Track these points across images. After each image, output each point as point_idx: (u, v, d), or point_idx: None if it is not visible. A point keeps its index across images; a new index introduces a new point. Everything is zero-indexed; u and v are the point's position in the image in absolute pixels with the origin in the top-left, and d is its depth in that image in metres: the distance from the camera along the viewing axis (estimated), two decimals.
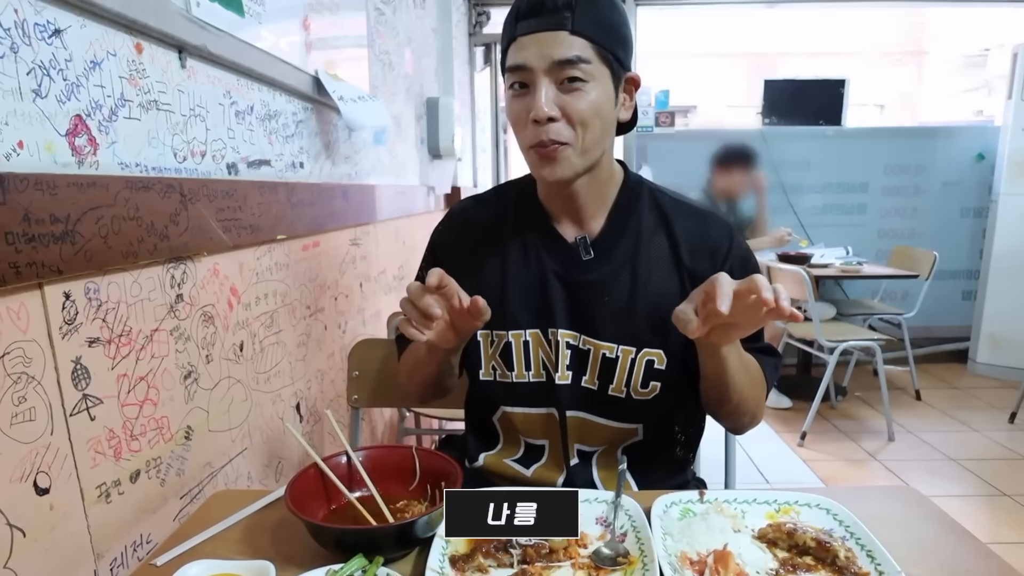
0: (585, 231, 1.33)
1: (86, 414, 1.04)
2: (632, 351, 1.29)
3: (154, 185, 1.17)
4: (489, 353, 1.36)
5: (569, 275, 1.32)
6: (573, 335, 1.31)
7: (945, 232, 5.76)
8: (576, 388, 1.32)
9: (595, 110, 1.19)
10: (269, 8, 1.65)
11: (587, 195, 1.30)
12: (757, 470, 3.83)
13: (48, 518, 0.96)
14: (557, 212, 1.35)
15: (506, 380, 1.36)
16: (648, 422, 1.34)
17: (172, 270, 1.27)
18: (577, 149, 1.20)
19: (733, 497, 1.13)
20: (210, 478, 1.43)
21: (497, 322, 1.30)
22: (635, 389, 1.30)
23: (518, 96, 1.22)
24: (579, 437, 1.35)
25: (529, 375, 1.34)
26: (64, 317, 0.99)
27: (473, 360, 1.38)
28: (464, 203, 1.50)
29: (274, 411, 1.76)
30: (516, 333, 1.33)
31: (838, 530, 1.03)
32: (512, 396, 1.36)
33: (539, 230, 1.36)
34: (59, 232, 0.95)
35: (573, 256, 1.32)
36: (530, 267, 1.34)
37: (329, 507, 1.12)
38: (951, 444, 4.16)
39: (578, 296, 1.31)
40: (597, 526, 1.07)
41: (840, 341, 4.15)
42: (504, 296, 1.34)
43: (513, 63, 1.20)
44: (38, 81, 0.94)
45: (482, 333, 1.35)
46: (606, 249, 1.32)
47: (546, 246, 1.34)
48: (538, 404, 1.35)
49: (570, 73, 1.16)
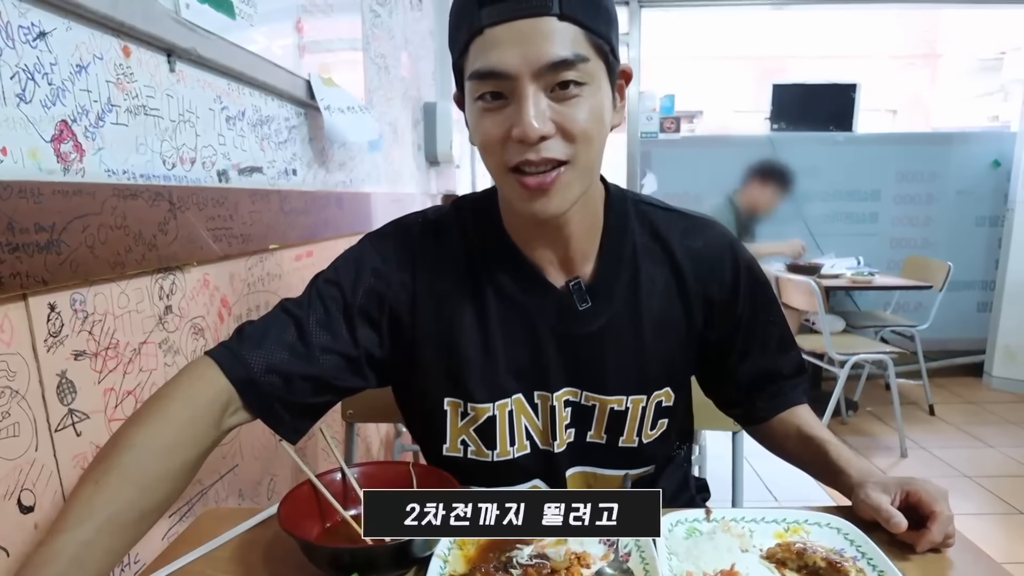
0: (576, 272, 1.18)
1: (72, 429, 1.04)
2: (643, 399, 1.20)
3: (142, 193, 1.18)
4: (459, 427, 1.19)
5: (567, 329, 1.16)
6: (573, 392, 1.19)
7: (959, 242, 5.76)
8: (580, 445, 1.22)
9: (597, 119, 1.00)
10: (261, 10, 1.66)
11: (579, 230, 1.14)
12: (765, 487, 3.83)
13: (33, 537, 0.96)
14: (538, 257, 1.17)
15: (482, 459, 1.19)
16: (660, 460, 1.30)
17: (160, 280, 1.27)
18: (577, 170, 1.01)
19: (741, 515, 1.12)
20: (200, 496, 1.42)
21: (475, 393, 1.16)
22: (646, 434, 1.23)
23: (490, 111, 0.99)
24: (587, 485, 1.25)
25: (513, 450, 1.19)
26: (49, 329, 0.99)
27: (433, 431, 1.21)
28: (411, 222, 1.24)
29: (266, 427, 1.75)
30: (502, 404, 1.16)
31: (849, 550, 1.03)
32: (488, 474, 1.20)
33: (519, 277, 1.17)
34: (44, 241, 0.95)
35: (566, 305, 1.16)
36: (512, 323, 1.16)
37: (323, 525, 1.12)
38: (966, 461, 4.15)
39: (577, 350, 1.17)
40: (600, 546, 1.07)
41: (851, 354, 4.15)
42: (487, 356, 1.16)
43: (483, 67, 0.96)
44: (22, 85, 0.94)
45: (450, 401, 1.17)
46: (604, 293, 1.17)
47: (529, 293, 1.17)
48: (521, 479, 1.22)
49: (565, 77, 0.95)
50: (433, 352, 1.16)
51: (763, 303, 1.29)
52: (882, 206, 5.83)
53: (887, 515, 1.02)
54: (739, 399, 1.35)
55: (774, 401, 1.32)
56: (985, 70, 10.73)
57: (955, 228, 5.81)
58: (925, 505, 1.04)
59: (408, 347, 1.18)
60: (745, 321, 1.27)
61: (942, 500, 1.04)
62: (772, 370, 1.31)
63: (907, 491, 1.06)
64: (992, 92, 10.43)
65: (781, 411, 1.31)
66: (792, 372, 1.33)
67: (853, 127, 5.79)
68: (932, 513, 1.02)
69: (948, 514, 1.02)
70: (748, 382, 1.31)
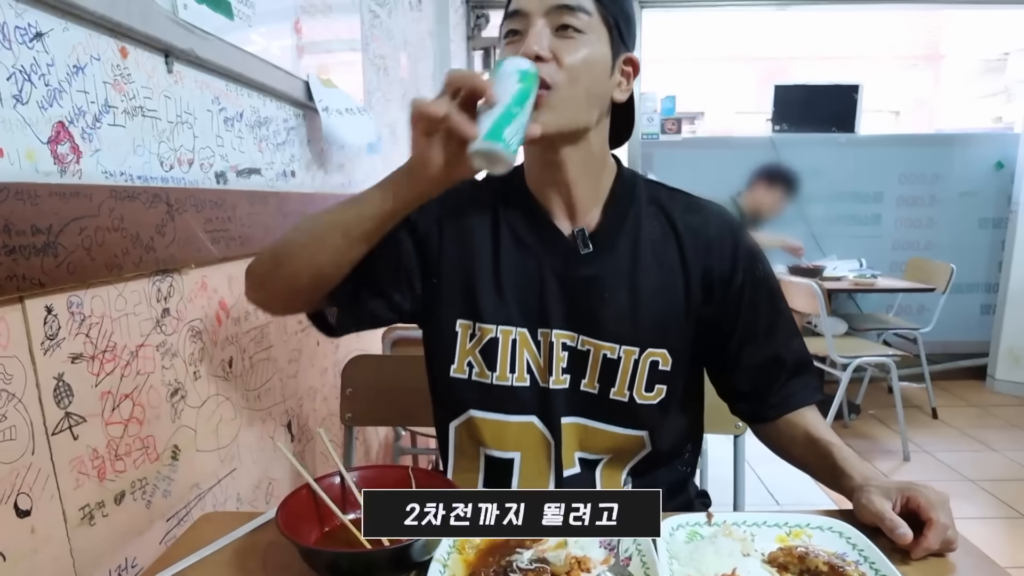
0: (581, 223, 1.30)
1: (69, 433, 1.04)
2: (635, 351, 1.26)
3: (140, 195, 1.18)
4: (467, 348, 1.30)
5: (567, 271, 1.28)
6: (570, 335, 1.28)
7: (963, 244, 5.77)
8: (575, 393, 1.29)
9: (588, 65, 1.17)
10: (259, 11, 1.66)
11: (579, 178, 1.26)
12: (767, 491, 3.83)
13: (29, 541, 0.96)
14: (548, 202, 1.30)
15: (483, 380, 1.29)
16: (654, 430, 1.31)
17: (158, 283, 1.27)
18: (562, 98, 1.16)
19: (742, 519, 1.12)
20: (198, 499, 1.42)
21: (483, 313, 1.27)
22: (639, 392, 1.27)
23: (511, 44, 1.20)
24: (580, 444, 1.31)
25: (512, 378, 1.28)
26: (46, 332, 0.99)
27: (443, 354, 1.31)
28: None
29: (264, 430, 1.76)
30: (505, 329, 1.28)
31: (852, 554, 1.03)
32: (487, 399, 1.30)
33: (531, 222, 1.31)
34: (41, 244, 0.95)
35: (570, 250, 1.28)
36: (525, 261, 1.29)
37: (322, 530, 1.12)
38: (969, 464, 4.16)
39: (576, 293, 1.27)
40: (601, 550, 1.07)
41: (853, 357, 4.16)
42: (497, 286, 1.29)
43: (511, 9, 1.20)
44: (19, 86, 0.94)
45: (462, 323, 1.29)
46: (605, 242, 1.28)
47: (540, 239, 1.30)
48: (516, 411, 1.30)
49: (567, 20, 1.16)
50: (452, 276, 1.30)
51: (766, 287, 1.34)
52: (885, 208, 5.83)
53: (892, 525, 1.03)
54: (746, 391, 1.37)
55: (782, 398, 1.34)
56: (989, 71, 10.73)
57: (958, 230, 5.82)
58: (923, 511, 1.04)
59: (433, 270, 1.32)
60: (746, 301, 1.31)
61: (940, 507, 1.05)
62: (777, 357, 1.33)
63: (907, 496, 1.07)
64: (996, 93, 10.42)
65: (790, 411, 1.34)
66: (798, 363, 1.35)
67: (856, 128, 5.79)
68: (928, 521, 1.03)
69: (945, 522, 1.03)
70: (754, 370, 1.34)
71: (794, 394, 1.34)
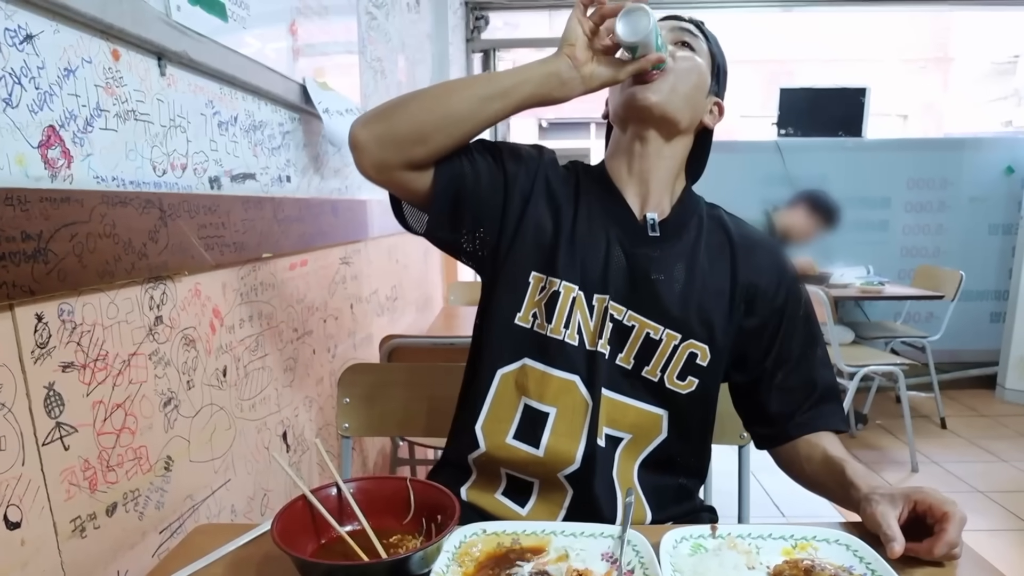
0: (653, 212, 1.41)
1: (59, 443, 1.04)
2: (677, 337, 1.35)
3: (132, 200, 1.18)
4: (535, 299, 1.38)
5: (633, 246, 1.38)
6: (620, 309, 1.36)
7: (972, 250, 5.77)
8: (611, 365, 1.36)
9: (695, 73, 1.37)
10: (254, 12, 1.66)
11: (658, 173, 1.41)
12: (772, 503, 3.82)
13: (19, 554, 0.96)
14: (626, 190, 1.43)
15: (540, 332, 1.37)
16: (674, 414, 1.37)
17: (151, 290, 1.27)
18: (673, 84, 1.34)
19: (747, 532, 1.13)
20: (191, 511, 1.42)
21: (553, 268, 1.36)
22: (670, 378, 1.36)
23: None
24: (607, 418, 1.35)
25: (565, 333, 1.36)
26: (36, 340, 0.99)
27: (512, 301, 1.40)
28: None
29: (259, 440, 1.76)
30: (568, 286, 1.36)
31: (858, 567, 1.03)
32: (540, 350, 1.37)
33: (609, 199, 1.43)
34: (31, 250, 0.95)
35: (639, 230, 1.40)
36: (595, 231, 1.39)
37: (318, 542, 1.11)
38: (978, 475, 4.16)
39: (636, 269, 1.37)
40: (603, 563, 1.06)
41: (860, 366, 4.16)
42: (571, 246, 1.38)
43: None
44: (8, 90, 0.94)
45: (535, 275, 1.38)
46: (672, 232, 1.40)
47: (613, 216, 1.41)
48: (562, 367, 1.36)
49: (684, 37, 1.39)
50: (534, 231, 1.40)
51: (805, 314, 1.45)
52: (892, 213, 5.84)
53: (888, 536, 1.04)
54: (773, 413, 1.43)
55: (810, 418, 1.41)
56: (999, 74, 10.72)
57: (967, 236, 5.82)
58: (936, 508, 1.06)
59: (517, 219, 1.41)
60: (786, 322, 1.42)
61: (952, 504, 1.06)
62: (809, 381, 1.42)
63: (915, 500, 1.09)
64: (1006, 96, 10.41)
65: (815, 431, 1.40)
66: (828, 391, 1.43)
67: (863, 132, 5.80)
68: (945, 514, 1.05)
69: (962, 514, 1.05)
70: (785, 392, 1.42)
71: (822, 417, 1.41)
